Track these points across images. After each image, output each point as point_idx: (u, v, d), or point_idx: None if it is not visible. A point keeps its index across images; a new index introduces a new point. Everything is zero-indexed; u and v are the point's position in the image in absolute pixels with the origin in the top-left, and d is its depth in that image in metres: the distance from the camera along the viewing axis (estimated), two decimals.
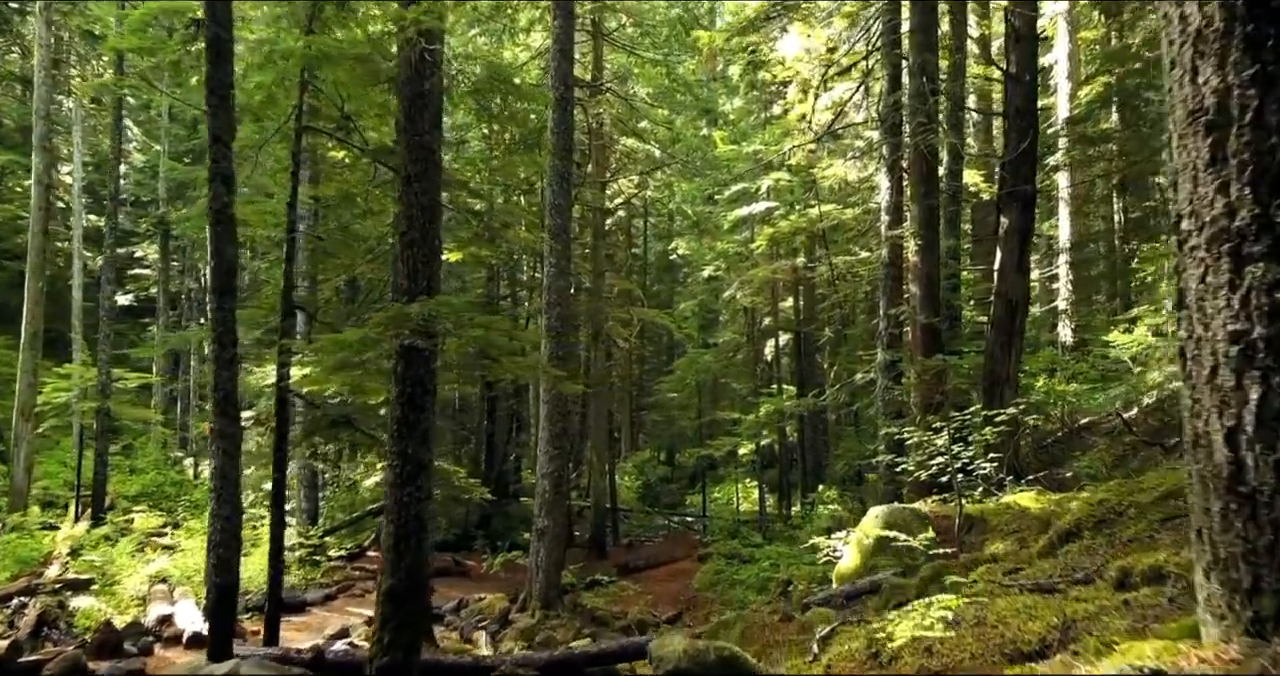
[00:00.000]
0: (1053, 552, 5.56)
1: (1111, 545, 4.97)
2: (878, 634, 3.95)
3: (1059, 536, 5.66)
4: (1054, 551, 5.57)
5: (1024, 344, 12.68)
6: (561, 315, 14.36)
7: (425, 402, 6.90)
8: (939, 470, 8.85)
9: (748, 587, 16.17)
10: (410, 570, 6.68)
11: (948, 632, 3.24)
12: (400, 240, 6.96)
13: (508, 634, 12.83)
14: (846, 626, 4.72)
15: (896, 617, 3.92)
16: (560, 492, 14.25)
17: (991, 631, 3.33)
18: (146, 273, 33.58)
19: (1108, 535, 5.22)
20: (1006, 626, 3.33)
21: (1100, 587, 3.55)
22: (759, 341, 27.78)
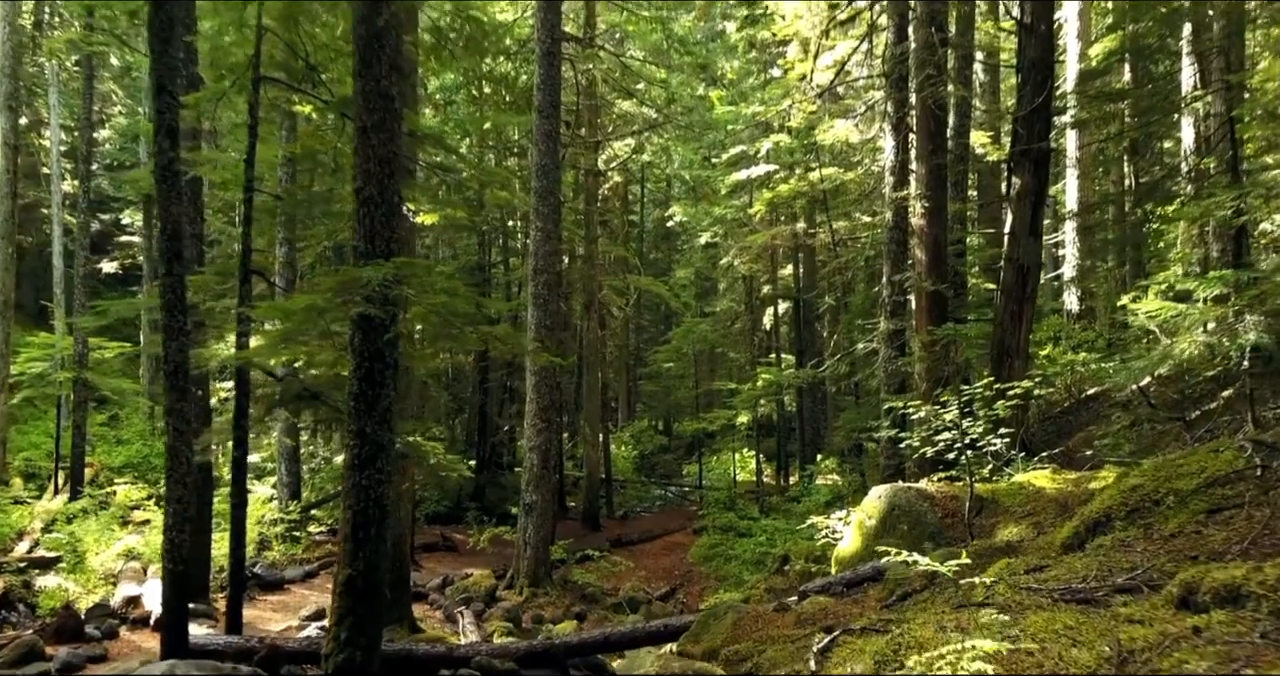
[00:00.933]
0: (1080, 545, 4.97)
1: (1149, 539, 4.37)
2: (887, 655, 3.36)
3: (1086, 526, 5.06)
4: (1081, 544, 4.97)
5: (1035, 312, 12.05)
6: (549, 282, 13.71)
7: (385, 378, 6.27)
8: (945, 446, 8.27)
9: (743, 563, 15.70)
10: (370, 560, 6.10)
11: (971, 664, 2.65)
12: (356, 197, 6.29)
13: (493, 613, 12.34)
14: (849, 637, 4.14)
15: (914, 646, 3.32)
16: (548, 466, 13.70)
17: (1026, 660, 2.73)
18: (133, 239, 32.81)
19: (1143, 527, 4.62)
20: (1045, 654, 2.73)
21: (1155, 604, 2.95)
22: (757, 310, 27.14)
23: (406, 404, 10.80)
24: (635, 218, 36.73)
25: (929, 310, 11.82)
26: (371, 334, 6.17)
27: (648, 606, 13.65)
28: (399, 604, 10.71)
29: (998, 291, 12.47)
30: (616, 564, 15.14)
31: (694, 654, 6.58)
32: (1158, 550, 4.13)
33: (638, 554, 18.31)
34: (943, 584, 5.94)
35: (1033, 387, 7.86)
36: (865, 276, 23.00)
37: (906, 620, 3.68)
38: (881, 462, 12.27)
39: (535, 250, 13.76)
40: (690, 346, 27.27)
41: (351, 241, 6.47)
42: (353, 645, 5.93)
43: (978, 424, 8.06)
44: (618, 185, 30.08)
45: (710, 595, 14.50)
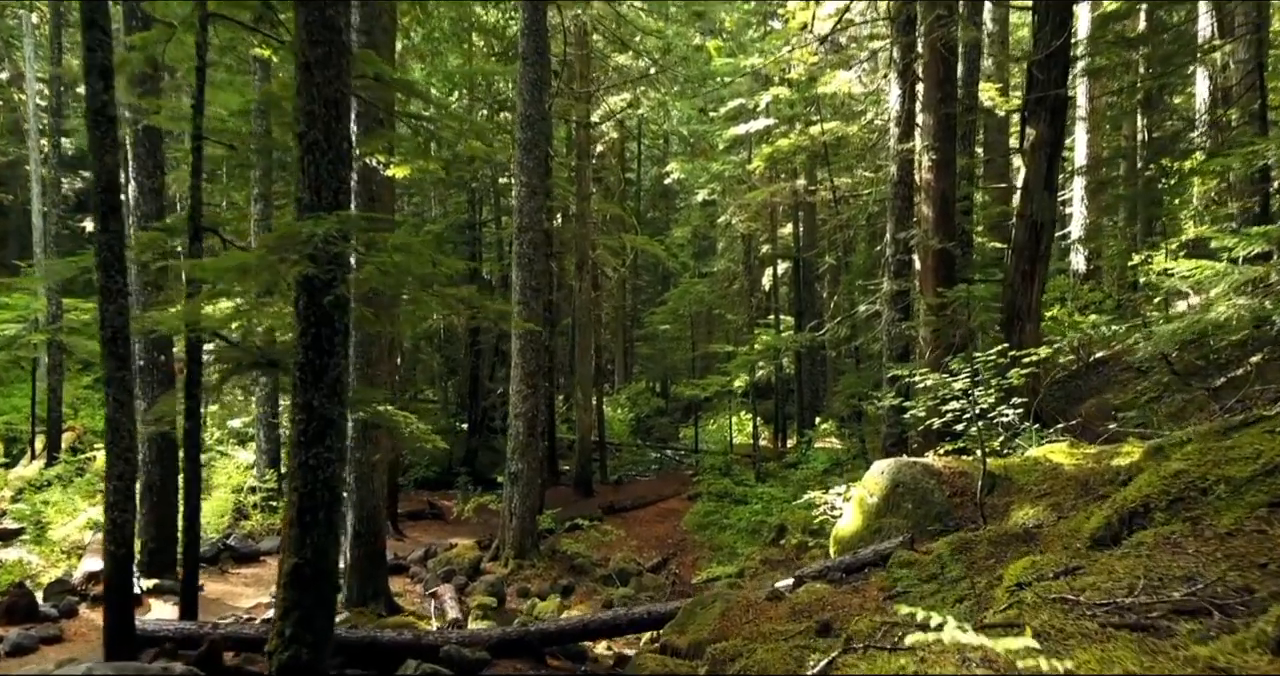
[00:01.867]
0: (1114, 539, 4.35)
1: (1201, 538, 3.76)
2: None
3: (1120, 516, 4.44)
4: (1116, 538, 4.36)
5: (1048, 272, 11.36)
6: (534, 241, 12.99)
7: (334, 345, 5.62)
8: (953, 417, 7.65)
9: (738, 532, 15.20)
10: (319, 547, 5.49)
11: None
12: (299, 143, 5.58)
13: (476, 587, 11.84)
14: (849, 657, 3.53)
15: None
16: (535, 434, 13.12)
17: None
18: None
19: (1190, 521, 4.00)
20: None
21: (1242, 643, 2.32)
22: (756, 270, 26.39)
23: (380, 370, 10.17)
24: (632, 175, 35.86)
25: (935, 270, 11.14)
26: (317, 296, 5.50)
27: (638, 578, 13.15)
28: (374, 579, 10.18)
29: (1008, 250, 11.78)
30: (607, 533, 14.62)
31: (679, 647, 6.03)
32: (1214, 553, 3.51)
33: (630, 521, 17.82)
34: (954, 578, 5.36)
35: (1051, 354, 7.21)
36: (867, 235, 22.25)
37: (917, 649, 3.05)
38: (883, 430, 11.68)
39: (520, 207, 13.03)
40: (687, 308, 26.59)
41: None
42: (299, 641, 5.36)
43: (988, 393, 7.43)
44: (614, 142, 29.18)
45: (703, 567, 14.00)
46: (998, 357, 7.26)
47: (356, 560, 10.10)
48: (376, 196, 10.21)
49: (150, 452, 10.89)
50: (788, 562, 12.91)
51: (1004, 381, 7.34)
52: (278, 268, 5.22)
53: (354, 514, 10.12)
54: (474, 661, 6.76)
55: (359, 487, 10.08)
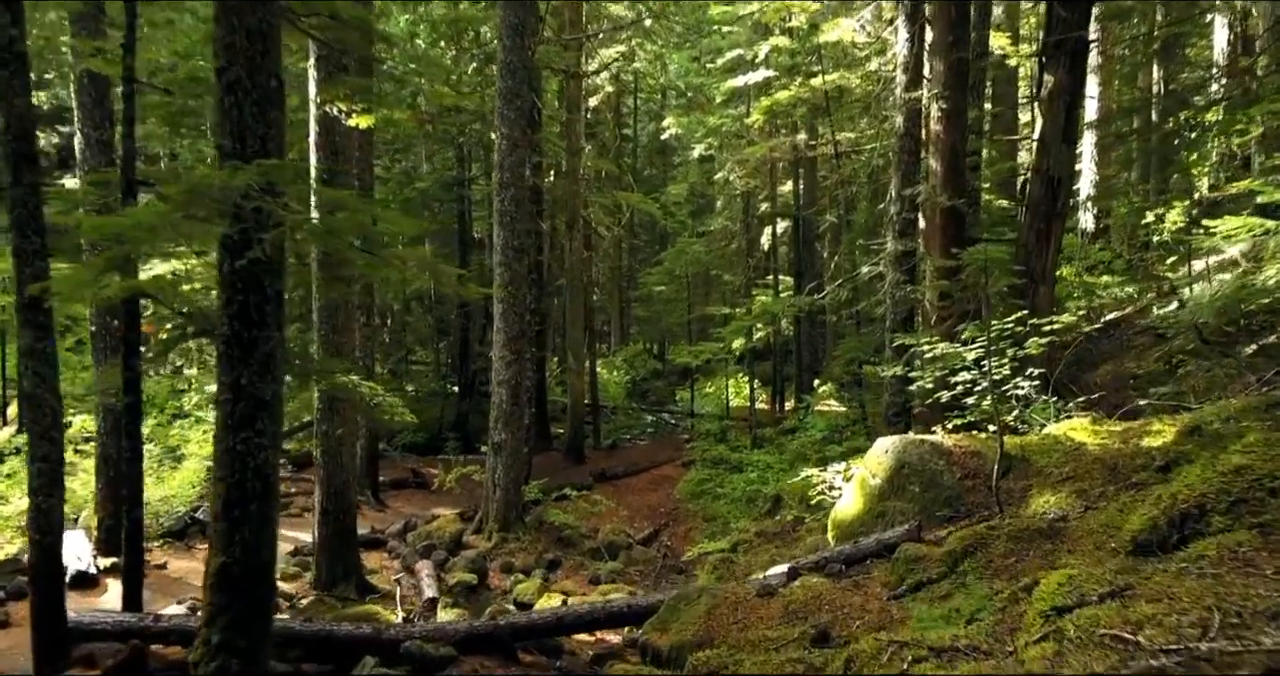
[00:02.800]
0: (1162, 545, 3.70)
1: (1277, 552, 3.10)
2: None
3: (1169, 518, 3.78)
4: (1164, 543, 3.70)
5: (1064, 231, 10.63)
6: (517, 198, 12.21)
7: (265, 315, 4.92)
8: (964, 390, 6.99)
9: (733, 502, 14.64)
10: (250, 544, 4.85)
11: None
12: (218, 81, 4.82)
13: (456, 563, 11.27)
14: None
15: None
16: (519, 402, 12.47)
17: None
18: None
19: (1258, 529, 3.35)
20: None
21: None
22: (755, 229, 25.57)
23: (347, 338, 9.49)
24: (628, 132, 34.86)
25: (943, 229, 10.41)
26: (244, 259, 4.79)
27: (628, 552, 12.62)
28: (344, 558, 9.61)
29: (1021, 207, 11.04)
30: (596, 503, 14.07)
31: (659, 648, 5.42)
32: None
33: (622, 489, 17.27)
34: (969, 579, 4.72)
35: (1076, 322, 6.53)
36: (869, 193, 21.41)
37: None
38: (885, 399, 11.03)
39: (501, 161, 12.23)
40: (683, 268, 25.79)
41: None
42: (229, 650, 4.74)
43: (1002, 364, 6.77)
44: (609, 96, 28.14)
45: (696, 540, 13.45)
46: (1015, 326, 6.58)
47: (325, 539, 9.52)
48: (340, 150, 9.44)
49: (106, 423, 10.26)
50: (783, 535, 12.36)
51: (1020, 351, 6.67)
52: (182, 226, 4.49)
53: (321, 490, 9.51)
54: (438, 658, 6.17)
55: (326, 462, 9.45)
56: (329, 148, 9.22)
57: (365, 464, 14.58)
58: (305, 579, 9.76)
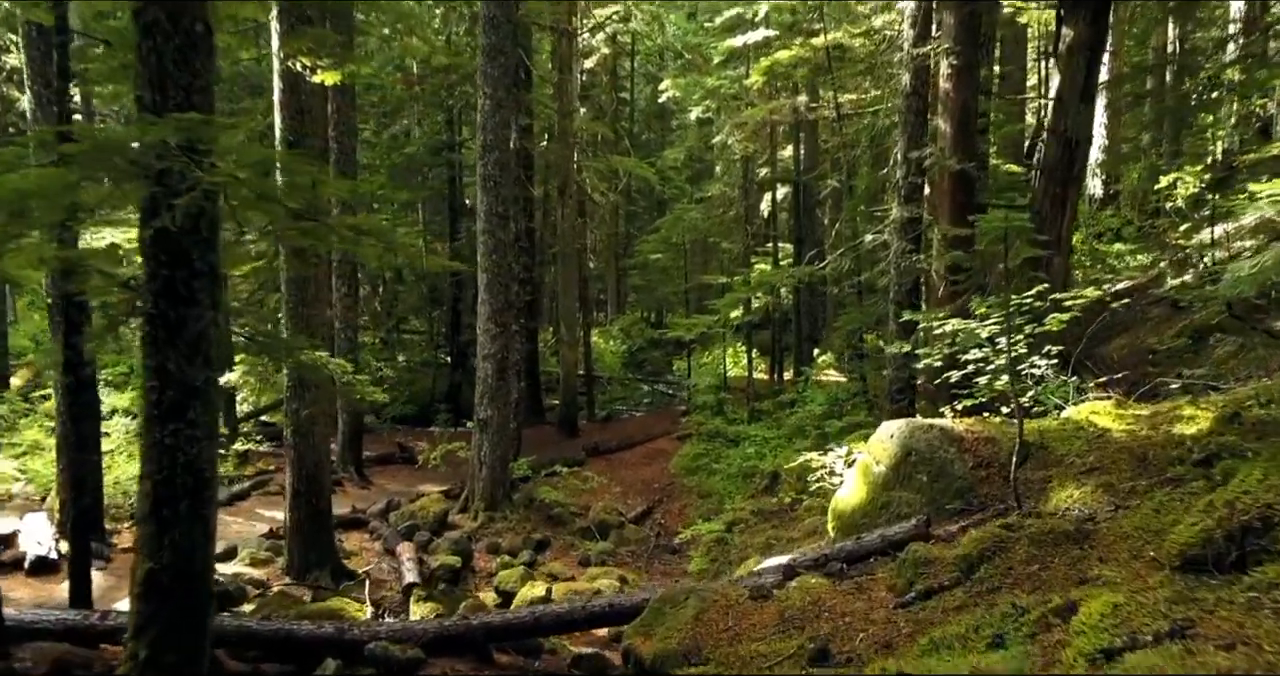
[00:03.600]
0: (1218, 562, 3.17)
1: None
2: None
3: (1226, 530, 3.25)
4: (1220, 559, 3.18)
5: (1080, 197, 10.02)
6: (501, 161, 11.58)
7: (194, 291, 4.35)
8: (975, 369, 6.45)
9: (729, 478, 14.17)
10: (182, 548, 4.33)
11: None
12: (134, 23, 4.21)
13: (440, 544, 10.81)
14: None
15: None
16: (505, 377, 11.94)
17: None
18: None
19: None
20: None
21: None
22: (754, 195, 24.86)
23: (317, 310, 8.92)
24: (626, 95, 34.00)
25: (952, 194, 9.79)
26: (168, 227, 4.21)
27: (619, 531, 12.16)
28: (318, 543, 9.13)
29: (1034, 171, 10.41)
30: (588, 480, 13.58)
31: (642, 656, 4.93)
32: None
33: (615, 464, 16.81)
34: (986, 588, 4.21)
35: (1103, 296, 5.96)
36: (870, 158, 20.71)
37: None
38: (888, 374, 10.49)
39: (483, 123, 11.57)
40: (680, 235, 25.15)
41: None
42: (157, 667, 4.24)
43: (1017, 341, 6.22)
44: (605, 58, 27.25)
45: (690, 519, 13.01)
46: (1035, 300, 6.02)
47: (297, 523, 9.03)
48: (307, 109, 8.80)
49: (65, 401, 9.71)
50: (780, 515, 11.90)
51: (1038, 327, 6.11)
52: (77, 189, 3.90)
53: (292, 471, 9.01)
54: (404, 661, 5.69)
55: (297, 442, 8.94)
56: (293, 107, 8.58)
57: (348, 439, 14.10)
58: (278, 564, 9.29)
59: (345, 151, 13.59)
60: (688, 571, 10.76)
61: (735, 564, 10.15)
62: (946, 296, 9.68)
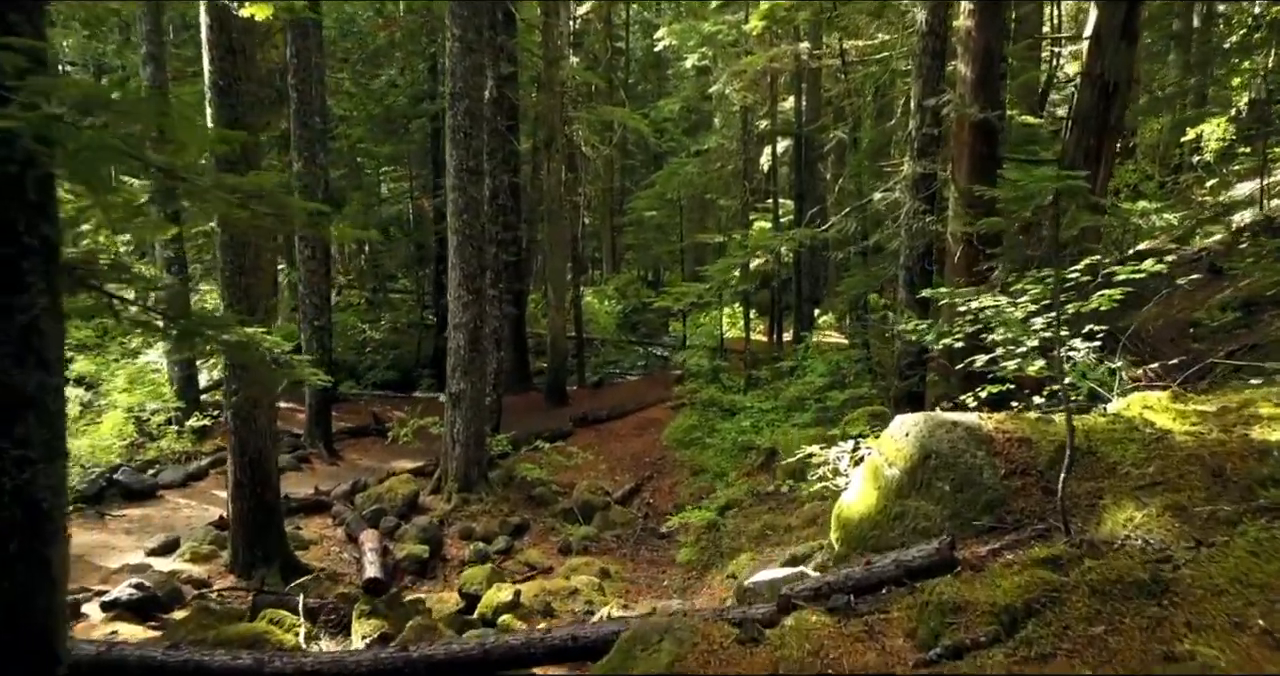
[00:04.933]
0: None
1: None
2: None
3: None
4: None
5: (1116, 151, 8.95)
6: (472, 111, 10.49)
7: (23, 274, 3.36)
8: (1005, 351, 5.51)
9: (723, 453, 13.28)
10: (13, 604, 3.40)
11: None
12: None
13: (407, 531, 9.97)
14: None
15: None
16: (479, 348, 10.98)
17: None
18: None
19: None
20: None
21: None
22: (753, 148, 23.65)
23: (256, 279, 7.92)
24: (623, 45, 32.57)
25: (973, 146, 8.72)
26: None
27: (604, 513, 11.31)
28: (266, 537, 8.26)
29: (1066, 121, 9.35)
30: (572, 456, 12.72)
31: None
32: None
33: (604, 435, 15.95)
34: (1036, 655, 3.29)
35: (1162, 269, 4.96)
36: (875, 110, 19.51)
37: None
38: (897, 346, 9.53)
39: (453, 68, 10.46)
40: (675, 191, 23.98)
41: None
42: None
43: (1051, 318, 5.28)
44: (599, 5, 25.87)
45: (680, 500, 12.16)
46: (1083, 273, 5.04)
47: (241, 515, 8.15)
48: (240, 49, 7.70)
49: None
50: (778, 497, 11.03)
51: (1085, 305, 5.14)
52: None
53: (234, 460, 8.10)
54: None
55: (238, 427, 8.01)
56: (221, 46, 7.50)
57: (315, 411, 13.19)
58: (222, 559, 8.43)
59: (306, 101, 12.47)
60: (676, 560, 9.94)
61: (727, 556, 9.31)
62: (964, 263, 8.69)
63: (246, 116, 7.64)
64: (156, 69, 12.52)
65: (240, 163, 6.87)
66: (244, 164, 6.96)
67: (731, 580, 8.27)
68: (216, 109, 7.58)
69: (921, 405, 9.52)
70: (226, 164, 6.74)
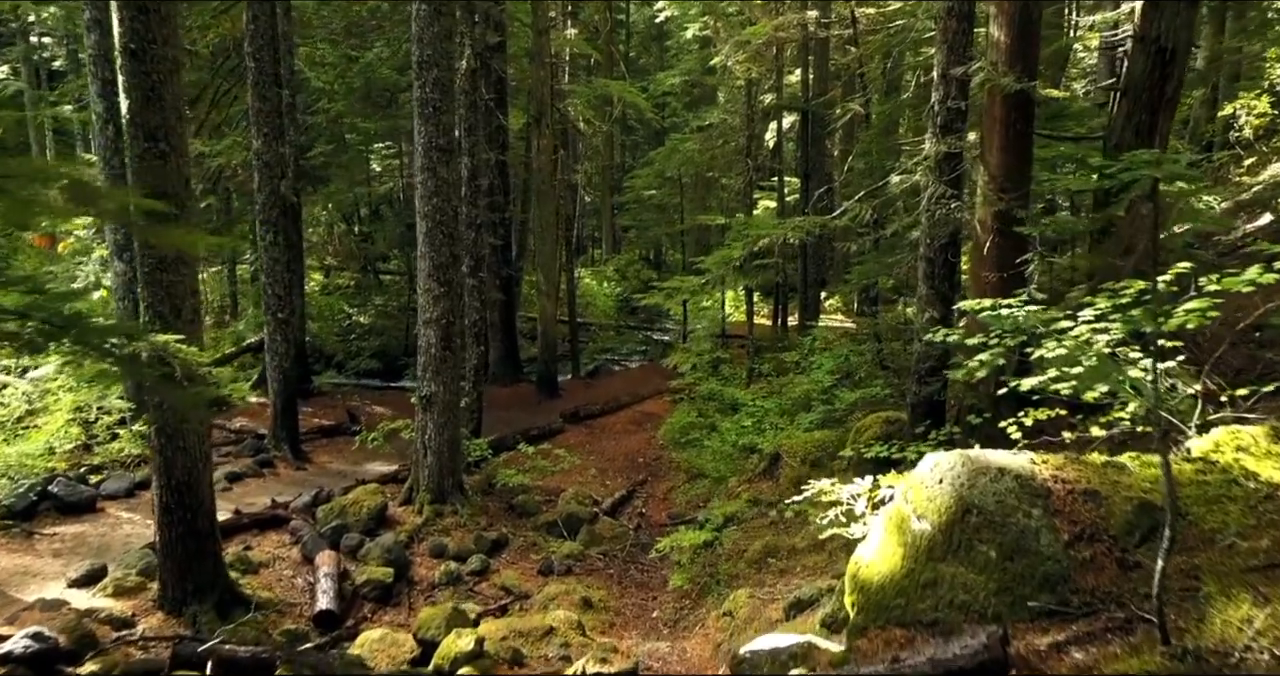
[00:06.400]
0: None
1: None
2: None
3: None
4: None
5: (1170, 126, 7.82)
6: (441, 82, 9.40)
7: None
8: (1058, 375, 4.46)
9: (722, 455, 12.25)
10: None
11: None
12: None
13: (371, 551, 9.00)
14: None
15: None
16: (452, 346, 9.96)
17: None
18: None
19: None
20: None
21: None
22: (758, 124, 22.43)
23: (179, 277, 6.89)
24: (623, 17, 31.33)
25: (1006, 121, 7.62)
26: None
27: (591, 526, 10.33)
28: (199, 568, 7.26)
29: (1114, 93, 8.23)
30: (559, 460, 11.72)
31: None
32: None
33: (597, 432, 14.97)
34: None
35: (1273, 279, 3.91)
36: (883, 85, 18.33)
37: None
38: (916, 348, 8.46)
39: (419, 34, 9.36)
40: (675, 169, 22.81)
41: None
42: None
43: (1114, 334, 4.25)
44: None
45: (677, 505, 11.21)
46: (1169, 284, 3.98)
47: (169, 545, 7.16)
48: (152, 8, 6.60)
49: None
50: (780, 512, 10.07)
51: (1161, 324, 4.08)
52: None
53: (159, 482, 7.10)
54: None
55: (163, 446, 7.00)
56: (133, 4, 6.42)
57: (280, 410, 12.19)
58: (151, 592, 7.45)
59: (265, 71, 11.37)
60: (668, 584, 8.96)
61: (723, 583, 8.32)
62: (994, 254, 7.63)
63: (164, 85, 6.57)
64: (101, 36, 11.40)
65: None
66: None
67: (728, 618, 7.28)
68: (128, 75, 6.51)
69: (942, 414, 8.48)
70: None
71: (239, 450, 12.30)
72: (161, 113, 6.61)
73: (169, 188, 6.64)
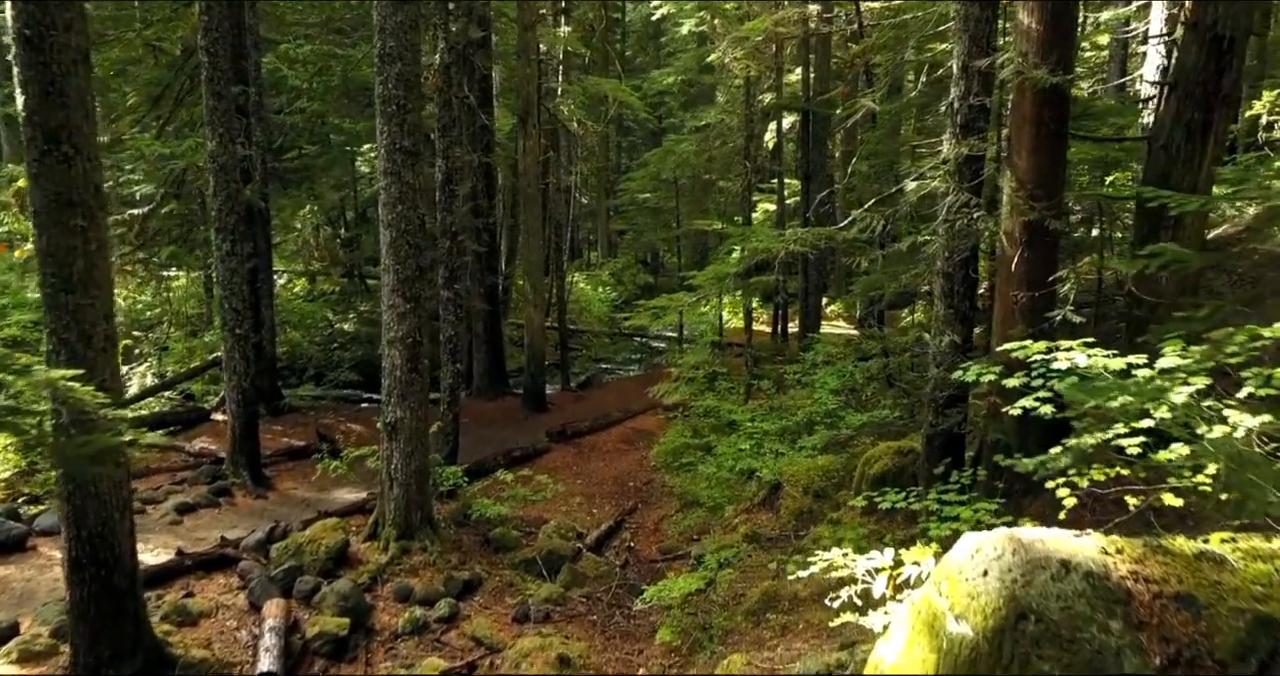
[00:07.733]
0: None
1: None
2: None
3: None
4: None
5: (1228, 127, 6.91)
6: (405, 77, 8.49)
7: None
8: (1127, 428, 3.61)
9: (718, 481, 11.34)
10: None
11: None
12: None
13: (327, 597, 8.10)
14: None
15: None
16: (419, 368, 9.05)
17: None
18: None
19: None
20: None
21: None
22: (757, 124, 21.52)
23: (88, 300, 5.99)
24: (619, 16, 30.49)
25: (1038, 121, 6.70)
26: None
27: (573, 564, 9.44)
28: (116, 629, 6.35)
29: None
30: (541, 487, 10.83)
31: None
32: None
33: (585, 452, 14.06)
34: None
35: None
36: (888, 83, 17.42)
37: None
38: (932, 373, 7.55)
39: (381, 24, 8.44)
40: (671, 171, 21.92)
41: None
42: None
43: (1187, 380, 3.40)
44: None
45: (669, 538, 10.31)
46: None
47: (80, 605, 6.25)
48: None
49: None
50: (782, 544, 9.20)
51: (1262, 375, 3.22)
52: None
53: (68, 533, 6.19)
54: None
55: (71, 493, 6.10)
56: None
57: (240, 435, 11.27)
58: (62, 657, 6.55)
59: (220, 68, 10.46)
60: (656, 636, 8.05)
61: (717, 640, 7.41)
62: (1023, 271, 6.72)
63: (66, 79, 5.67)
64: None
65: None
66: None
67: None
68: (23, 67, 5.63)
69: (961, 450, 7.57)
70: None
71: (195, 476, 11.40)
72: (65, 110, 5.72)
73: (74, 195, 5.75)
